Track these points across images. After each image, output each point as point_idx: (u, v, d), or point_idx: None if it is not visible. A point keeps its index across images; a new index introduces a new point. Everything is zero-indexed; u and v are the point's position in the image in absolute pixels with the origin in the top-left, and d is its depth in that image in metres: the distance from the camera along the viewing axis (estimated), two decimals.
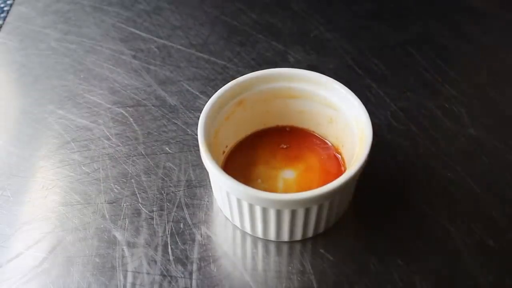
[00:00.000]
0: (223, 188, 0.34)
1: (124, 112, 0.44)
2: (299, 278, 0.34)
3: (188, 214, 0.37)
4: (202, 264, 0.35)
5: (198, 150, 0.40)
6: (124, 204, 0.38)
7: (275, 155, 0.39)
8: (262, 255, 0.36)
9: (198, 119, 0.35)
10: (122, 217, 0.37)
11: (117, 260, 0.35)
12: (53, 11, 0.53)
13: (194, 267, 0.35)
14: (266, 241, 0.36)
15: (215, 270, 0.35)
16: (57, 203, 0.38)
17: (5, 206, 0.38)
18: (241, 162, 0.38)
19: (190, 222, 0.37)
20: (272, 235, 0.35)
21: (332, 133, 0.39)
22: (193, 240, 0.36)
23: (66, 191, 0.39)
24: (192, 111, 0.44)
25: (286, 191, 0.36)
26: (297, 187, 0.37)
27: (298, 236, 0.35)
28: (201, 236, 0.36)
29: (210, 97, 0.36)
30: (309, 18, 0.52)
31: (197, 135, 0.35)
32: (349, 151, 0.37)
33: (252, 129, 0.40)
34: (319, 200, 0.32)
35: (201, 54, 0.48)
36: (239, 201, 0.33)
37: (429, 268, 0.35)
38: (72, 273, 0.35)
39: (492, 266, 0.35)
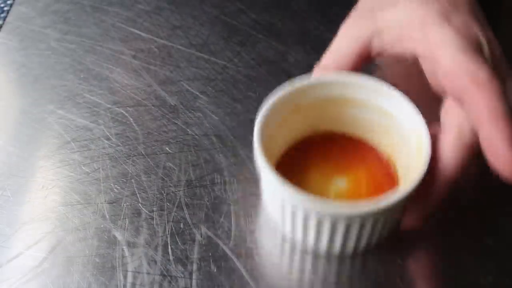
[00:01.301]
0: (277, 194, 0.33)
1: (124, 112, 0.44)
2: (299, 278, 0.34)
3: (188, 214, 0.37)
4: (202, 264, 0.35)
5: (198, 150, 0.41)
6: (124, 204, 0.38)
7: (327, 162, 0.37)
8: (262, 255, 0.36)
9: (198, 119, 0.35)
10: (122, 217, 0.37)
11: (117, 260, 0.35)
12: (53, 11, 0.53)
13: (194, 267, 0.35)
14: (265, 241, 0.36)
15: (215, 270, 0.35)
16: (57, 203, 0.38)
17: (5, 206, 0.38)
18: (293, 167, 0.37)
19: (190, 222, 0.37)
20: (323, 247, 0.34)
21: (386, 142, 0.37)
22: (193, 240, 0.36)
23: (66, 191, 0.39)
24: (192, 111, 0.44)
25: (336, 199, 0.36)
26: (347, 196, 0.36)
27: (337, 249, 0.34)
28: (201, 236, 0.36)
29: (211, 97, 0.36)
30: (309, 18, 0.52)
31: (197, 135, 0.35)
32: (403, 162, 0.36)
33: (305, 135, 0.39)
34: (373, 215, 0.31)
35: (201, 54, 0.48)
36: (294, 208, 0.32)
37: (429, 268, 0.35)
38: (72, 273, 0.35)
39: (492, 266, 0.35)
